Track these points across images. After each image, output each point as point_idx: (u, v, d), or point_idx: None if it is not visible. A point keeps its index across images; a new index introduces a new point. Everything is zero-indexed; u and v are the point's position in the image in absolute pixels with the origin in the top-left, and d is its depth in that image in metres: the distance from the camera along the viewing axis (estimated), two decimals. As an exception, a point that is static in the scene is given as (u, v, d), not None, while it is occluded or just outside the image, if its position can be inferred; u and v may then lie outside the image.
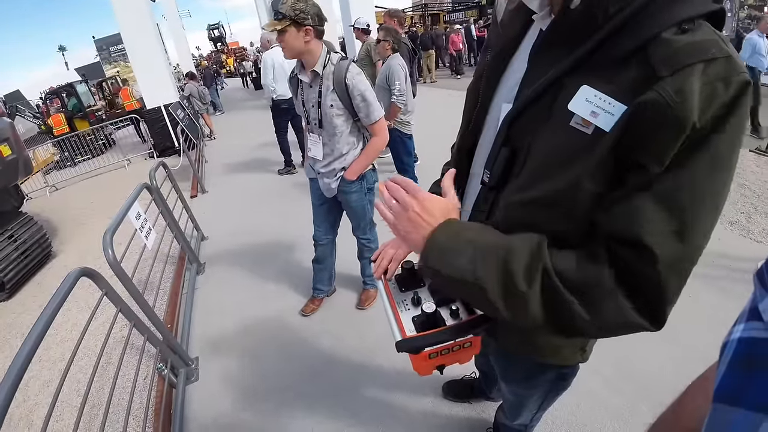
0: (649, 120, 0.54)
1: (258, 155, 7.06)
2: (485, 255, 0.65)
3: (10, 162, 4.39)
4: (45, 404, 2.65)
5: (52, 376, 2.85)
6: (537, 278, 0.62)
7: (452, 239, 0.68)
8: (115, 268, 1.98)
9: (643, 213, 0.56)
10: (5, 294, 4.28)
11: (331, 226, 2.57)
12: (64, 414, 2.49)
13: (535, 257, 0.63)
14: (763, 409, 0.25)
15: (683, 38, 0.55)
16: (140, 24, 8.17)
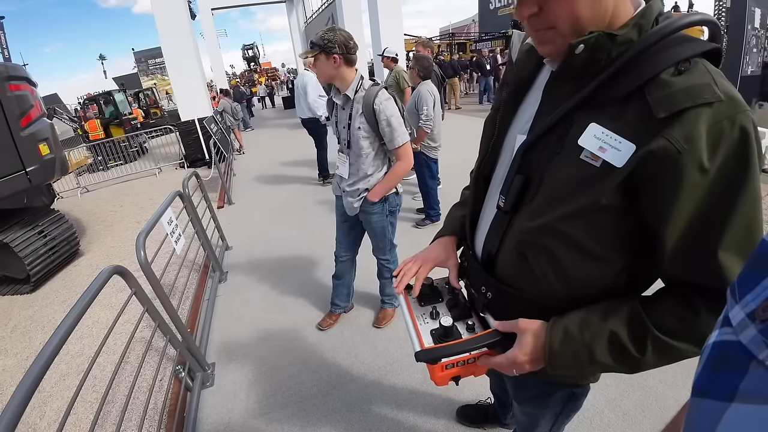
0: (661, 166, 0.60)
1: (284, 171, 7.25)
2: (595, 344, 0.73)
3: (48, 161, 4.59)
4: (59, 396, 2.71)
5: (69, 370, 2.92)
6: (648, 344, 0.69)
7: (562, 345, 0.75)
8: (145, 269, 2.07)
9: (720, 265, 0.61)
10: (30, 287, 4.44)
11: (352, 243, 2.63)
12: (77, 408, 2.53)
13: (637, 327, 0.70)
14: (728, 399, 0.30)
15: (679, 80, 0.60)
16: (180, 41, 8.62)
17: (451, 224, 1.12)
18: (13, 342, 3.61)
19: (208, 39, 22.76)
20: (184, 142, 9.22)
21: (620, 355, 0.71)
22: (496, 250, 0.87)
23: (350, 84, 2.11)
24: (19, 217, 4.63)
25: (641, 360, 0.70)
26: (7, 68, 4.39)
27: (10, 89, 4.21)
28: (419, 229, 4.12)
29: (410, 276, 1.03)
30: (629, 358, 0.70)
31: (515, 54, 0.95)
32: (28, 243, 4.42)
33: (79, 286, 4.43)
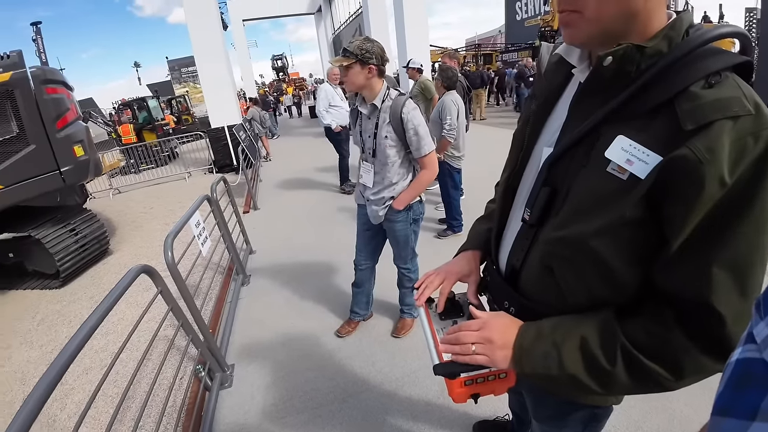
0: (681, 175, 0.59)
1: (308, 178, 7.37)
2: (564, 345, 0.72)
3: (82, 162, 4.76)
4: (81, 389, 2.79)
5: (92, 364, 3.01)
6: (618, 355, 0.68)
7: (533, 342, 0.75)
8: (172, 270, 2.13)
9: (709, 278, 0.61)
10: (59, 282, 4.62)
11: (373, 252, 2.64)
12: (98, 402, 2.59)
13: (609, 335, 0.69)
14: (749, 417, 0.29)
15: (709, 93, 0.59)
16: (212, 51, 8.93)
17: (475, 238, 1.11)
18: (39, 335, 3.76)
19: (239, 49, 23.49)
20: (213, 148, 9.52)
21: (590, 365, 0.70)
22: (521, 264, 0.86)
23: (378, 94, 2.14)
24: (51, 215, 4.83)
25: (611, 372, 0.68)
26: (44, 71, 4.57)
27: (47, 92, 4.41)
28: (441, 239, 4.10)
29: (432, 289, 1.03)
30: (599, 369, 0.69)
31: (544, 66, 0.94)
32: (59, 240, 4.59)
33: (107, 283, 4.59)
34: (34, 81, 4.30)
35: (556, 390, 0.88)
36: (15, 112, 4.24)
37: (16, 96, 4.21)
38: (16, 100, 4.22)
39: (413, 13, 9.67)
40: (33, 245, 4.58)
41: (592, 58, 0.75)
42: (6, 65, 4.31)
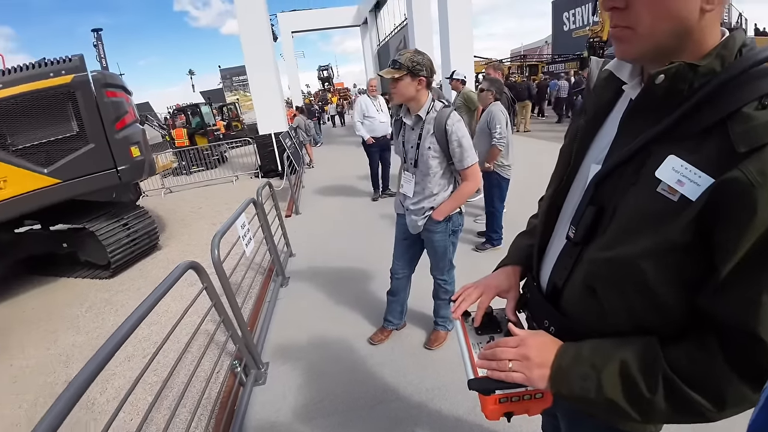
0: (733, 198, 0.57)
1: (349, 185, 7.51)
2: (604, 369, 0.70)
3: (137, 162, 5.11)
4: (122, 376, 2.95)
5: (135, 352, 3.18)
6: (659, 382, 0.65)
7: (572, 363, 0.74)
8: (217, 267, 2.24)
9: (757, 307, 0.58)
10: (109, 273, 4.94)
11: (410, 261, 2.65)
12: (136, 389, 2.73)
13: (650, 361, 0.67)
14: None
15: (762, 114, 0.57)
16: (263, 61, 9.35)
17: (516, 253, 1.09)
18: (86, 321, 4.03)
19: (287, 60, 24.40)
20: (260, 154, 9.93)
21: (629, 391, 0.67)
22: (563, 283, 0.84)
23: (423, 105, 2.17)
24: (106, 210, 5.17)
25: (651, 400, 0.65)
26: (105, 76, 4.93)
27: (107, 95, 4.75)
28: (479, 252, 4.05)
29: (469, 302, 1.02)
30: (639, 396, 0.66)
31: (593, 81, 0.93)
32: (112, 233, 4.92)
33: (155, 277, 4.86)
34: (95, 84, 4.64)
35: (593, 413, 0.85)
36: (76, 113, 4.58)
37: (77, 97, 4.55)
38: (77, 102, 4.56)
39: (458, 25, 9.70)
40: (87, 237, 4.94)
41: (643, 74, 0.73)
42: (68, 68, 4.59)
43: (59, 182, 4.55)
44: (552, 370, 0.74)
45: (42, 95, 4.43)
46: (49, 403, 2.69)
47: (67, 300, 4.64)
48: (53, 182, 4.52)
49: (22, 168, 4.38)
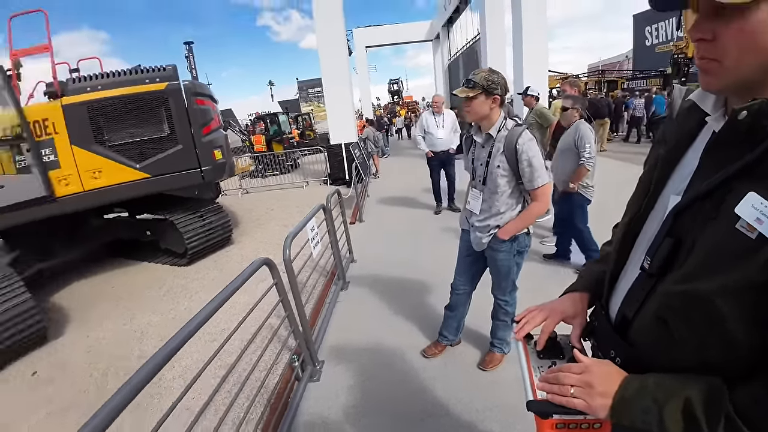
0: None
1: (413, 197, 7.60)
2: (667, 405, 0.69)
3: (219, 164, 5.62)
4: (188, 357, 3.16)
5: (201, 335, 3.36)
6: (720, 424, 0.64)
7: (635, 395, 0.74)
8: (287, 266, 2.40)
9: None
10: (186, 260, 5.48)
11: (472, 278, 2.63)
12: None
13: (715, 401, 0.65)
14: None
15: None
16: (338, 75, 9.81)
17: (586, 280, 1.08)
18: (163, 303, 4.44)
19: (360, 73, 25.20)
20: (330, 162, 10.39)
21: (690, 429, 0.65)
22: (634, 313, 0.83)
23: (495, 124, 2.18)
24: (187, 204, 5.75)
25: None
26: (195, 85, 5.49)
27: (197, 103, 5.28)
28: (574, 274, 3.83)
29: (533, 325, 1.01)
30: None
31: (676, 109, 0.92)
32: (190, 224, 5.44)
33: (227, 267, 5.26)
34: (186, 92, 5.17)
35: None
36: (167, 117, 5.11)
37: (169, 103, 5.09)
38: (170, 107, 5.09)
39: (533, 38, 9.48)
40: (168, 227, 5.50)
41: (727, 106, 0.72)
42: (162, 76, 5.14)
43: (148, 177, 5.10)
44: (614, 401, 0.74)
45: (138, 99, 4.99)
46: (119, 375, 3.05)
47: (147, 283, 5.17)
48: (143, 176, 5.08)
49: (116, 162, 4.94)
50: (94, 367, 3.44)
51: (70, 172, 4.75)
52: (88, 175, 4.84)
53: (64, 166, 4.72)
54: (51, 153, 4.64)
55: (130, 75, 5.12)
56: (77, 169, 4.78)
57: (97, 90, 4.89)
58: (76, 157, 4.76)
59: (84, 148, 4.79)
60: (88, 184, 4.84)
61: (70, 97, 4.79)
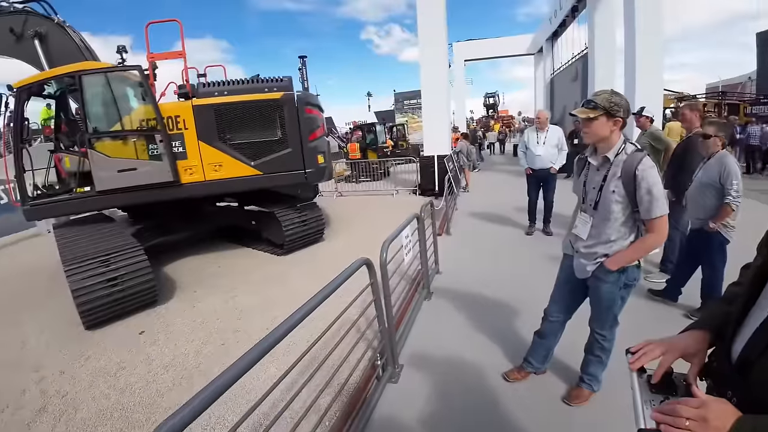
0: None
1: (503, 215, 7.41)
2: None
3: (321, 168, 6.13)
4: (279, 347, 3.38)
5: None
6: None
7: None
8: (383, 268, 2.51)
9: None
10: (283, 250, 6.09)
11: (569, 307, 2.51)
12: (287, 357, 3.04)
13: None
14: None
15: None
16: (437, 88, 9.96)
17: (709, 318, 1.06)
18: (262, 287, 4.87)
19: (456, 86, 25.20)
20: (421, 173, 10.57)
21: None
22: (757, 356, 0.82)
23: (613, 147, 2.08)
24: (289, 201, 6.42)
25: None
26: (306, 96, 6.09)
27: (307, 111, 5.82)
28: (690, 318, 3.42)
29: (650, 358, 1.01)
30: None
31: None
32: (289, 217, 6.06)
33: (320, 260, 5.71)
34: (298, 102, 5.73)
35: None
36: (281, 122, 5.69)
37: (283, 111, 5.66)
38: (283, 114, 5.66)
39: (647, 55, 8.77)
40: (271, 219, 6.16)
41: None
42: (279, 86, 5.72)
43: (260, 174, 5.69)
44: None
45: (257, 105, 5.61)
46: (217, 344, 3.39)
47: (249, 266, 5.75)
48: (256, 173, 5.67)
49: (234, 158, 5.58)
50: (195, 335, 3.86)
51: (195, 163, 5.46)
52: (210, 167, 5.53)
53: (190, 158, 5.44)
54: (180, 145, 5.38)
55: (252, 84, 5.78)
56: (201, 161, 5.48)
57: (224, 95, 5.57)
58: (201, 150, 5.46)
59: (208, 144, 5.47)
60: (209, 175, 5.53)
61: (200, 99, 5.49)
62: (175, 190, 5.42)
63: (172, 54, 6.06)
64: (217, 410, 2.64)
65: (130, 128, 5.21)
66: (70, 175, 5.49)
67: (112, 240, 4.70)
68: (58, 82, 5.38)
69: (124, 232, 5.18)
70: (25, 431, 2.76)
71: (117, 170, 5.07)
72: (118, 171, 5.07)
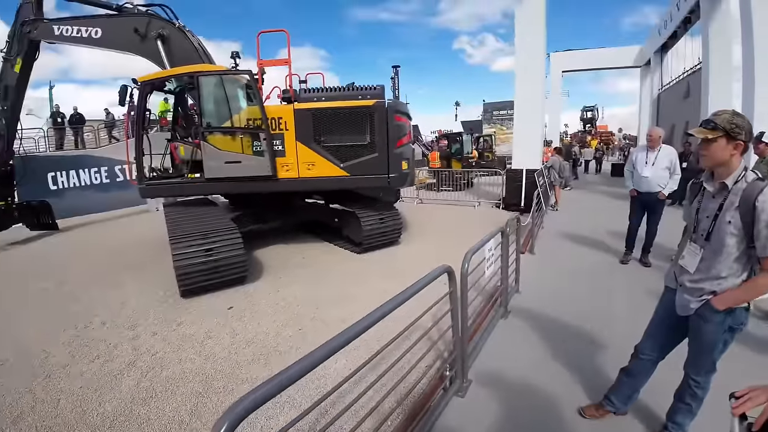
0: None
1: (595, 238, 6.92)
2: None
3: (405, 174, 6.35)
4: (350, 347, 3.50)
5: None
6: None
7: None
8: (463, 279, 2.50)
9: None
10: (360, 249, 6.45)
11: (664, 346, 2.29)
12: (354, 356, 3.08)
13: None
14: None
15: None
16: (532, 99, 9.60)
17: None
18: (341, 281, 5.17)
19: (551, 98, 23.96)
20: (507, 187, 10.24)
21: None
22: None
23: (733, 172, 1.89)
24: (370, 203, 6.77)
25: None
26: (397, 104, 6.39)
27: (396, 119, 6.08)
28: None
29: (755, 404, 0.97)
30: None
31: None
32: (370, 218, 6.41)
33: (397, 263, 5.89)
34: (389, 110, 6.00)
35: None
36: (371, 128, 6.00)
37: (374, 117, 5.97)
38: (374, 121, 5.97)
39: (767, 74, 7.58)
40: (352, 218, 6.59)
41: None
42: (372, 94, 6.03)
43: (347, 175, 6.06)
44: None
45: (350, 111, 5.98)
46: (296, 328, 3.81)
47: (330, 262, 6.13)
48: (344, 174, 6.05)
49: (326, 159, 6.00)
50: (277, 317, 4.18)
51: (291, 161, 5.98)
52: (304, 166, 6.01)
53: (288, 156, 5.97)
54: (280, 144, 5.94)
55: (348, 91, 6.19)
56: (297, 160, 5.98)
57: (321, 101, 6.04)
58: (298, 150, 5.97)
59: (305, 144, 5.96)
60: (303, 173, 6.02)
61: (301, 104, 6.01)
62: (272, 183, 6.00)
63: (279, 61, 6.66)
64: (287, 390, 2.80)
65: (238, 125, 5.86)
66: (183, 162, 6.34)
67: (213, 221, 5.36)
68: (178, 80, 6.23)
69: (224, 215, 5.87)
70: (113, 381, 3.16)
71: (224, 161, 5.74)
72: (225, 162, 5.74)
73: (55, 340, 3.85)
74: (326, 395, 1.75)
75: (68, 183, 11.38)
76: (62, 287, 5.41)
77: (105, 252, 7.19)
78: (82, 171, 11.65)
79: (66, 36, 6.99)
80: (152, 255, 6.67)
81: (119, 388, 3.06)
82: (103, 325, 4.19)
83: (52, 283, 5.55)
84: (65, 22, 7.03)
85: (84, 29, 6.82)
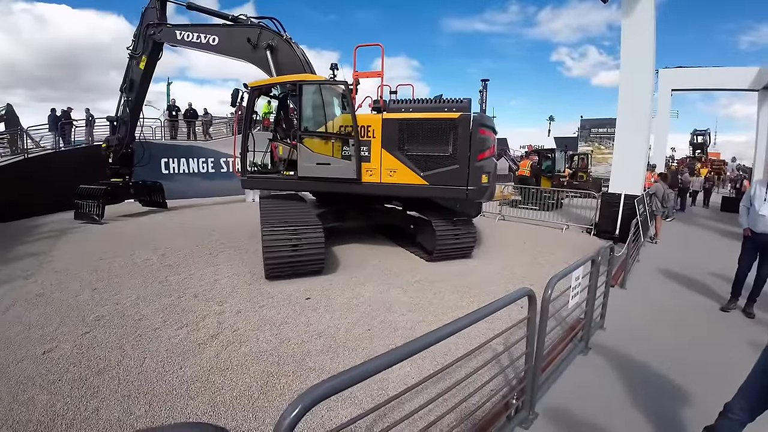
0: None
1: (697, 280, 6.15)
2: None
3: (484, 187, 6.22)
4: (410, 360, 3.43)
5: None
6: None
7: None
8: (545, 305, 2.36)
9: None
10: (431, 257, 6.52)
11: (757, 405, 2.03)
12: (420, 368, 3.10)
13: None
14: None
15: None
16: (637, 118, 8.80)
17: None
18: (413, 288, 5.24)
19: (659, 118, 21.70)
20: (601, 211, 9.40)
21: None
22: None
23: None
24: (447, 213, 6.82)
25: None
26: (482, 118, 6.26)
27: (480, 132, 6.01)
28: None
29: None
30: None
31: None
32: (444, 228, 6.44)
33: (471, 278, 5.74)
34: (473, 123, 5.94)
35: None
36: (454, 140, 5.99)
37: (458, 130, 5.95)
38: (458, 133, 5.95)
39: None
40: (427, 226, 6.66)
41: None
42: (458, 107, 6.02)
43: (426, 184, 6.10)
44: None
45: (435, 123, 6.04)
46: (364, 328, 3.90)
47: (405, 268, 6.20)
48: (423, 183, 6.10)
49: (408, 167, 6.11)
50: (349, 314, 4.31)
51: (375, 167, 6.20)
52: (386, 172, 6.18)
53: (372, 162, 6.20)
54: (367, 150, 6.19)
55: (435, 103, 6.25)
56: (381, 166, 6.18)
57: (409, 111, 6.19)
58: (382, 157, 6.17)
59: (389, 152, 6.14)
60: (384, 179, 6.20)
61: (389, 114, 6.21)
62: (356, 186, 6.30)
63: (373, 73, 6.94)
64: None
65: (332, 131, 6.34)
66: (281, 160, 6.92)
67: (301, 215, 5.84)
68: (283, 86, 6.89)
69: (311, 211, 6.34)
70: (195, 349, 3.46)
71: (316, 162, 6.19)
72: (317, 163, 6.19)
73: (150, 306, 4.35)
74: (390, 399, 1.76)
75: (179, 169, 13.05)
76: (164, 259, 6.13)
77: (205, 233, 8.00)
78: (192, 160, 13.21)
79: (187, 41, 7.96)
80: (245, 240, 7.36)
81: (200, 356, 3.36)
82: (195, 297, 4.64)
83: (156, 255, 6.31)
84: (187, 29, 7.99)
85: (203, 36, 7.74)
